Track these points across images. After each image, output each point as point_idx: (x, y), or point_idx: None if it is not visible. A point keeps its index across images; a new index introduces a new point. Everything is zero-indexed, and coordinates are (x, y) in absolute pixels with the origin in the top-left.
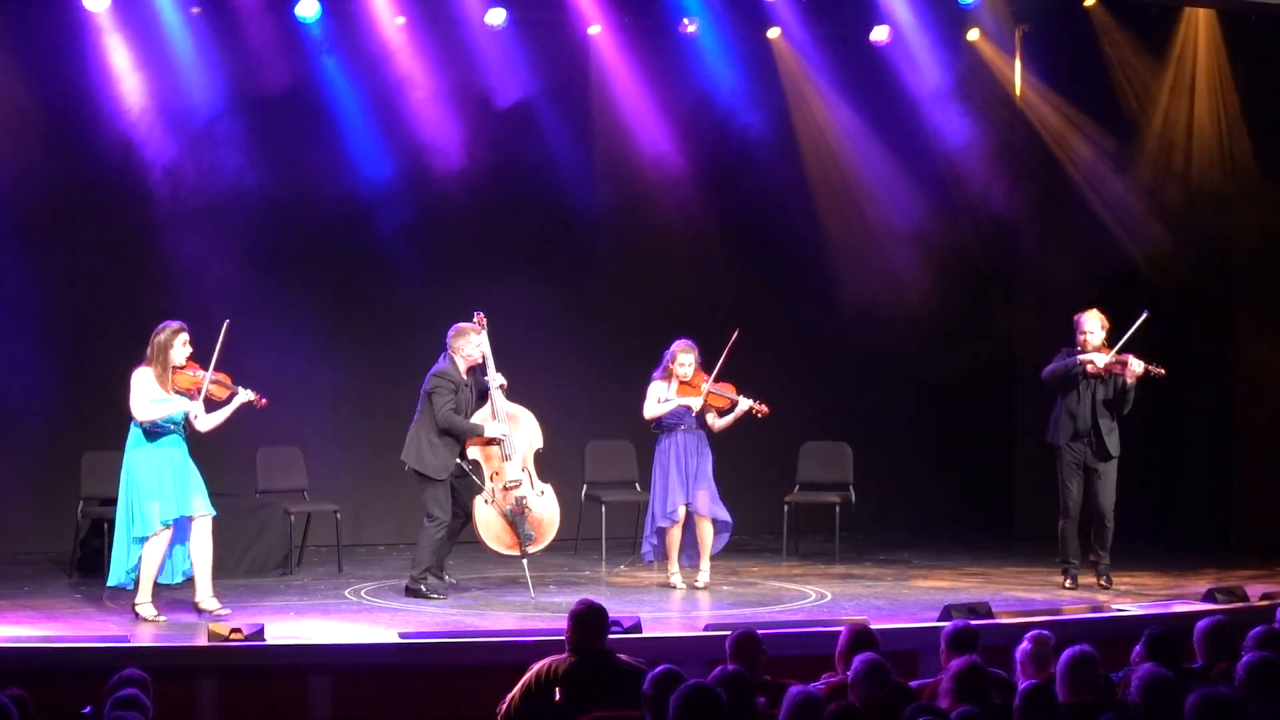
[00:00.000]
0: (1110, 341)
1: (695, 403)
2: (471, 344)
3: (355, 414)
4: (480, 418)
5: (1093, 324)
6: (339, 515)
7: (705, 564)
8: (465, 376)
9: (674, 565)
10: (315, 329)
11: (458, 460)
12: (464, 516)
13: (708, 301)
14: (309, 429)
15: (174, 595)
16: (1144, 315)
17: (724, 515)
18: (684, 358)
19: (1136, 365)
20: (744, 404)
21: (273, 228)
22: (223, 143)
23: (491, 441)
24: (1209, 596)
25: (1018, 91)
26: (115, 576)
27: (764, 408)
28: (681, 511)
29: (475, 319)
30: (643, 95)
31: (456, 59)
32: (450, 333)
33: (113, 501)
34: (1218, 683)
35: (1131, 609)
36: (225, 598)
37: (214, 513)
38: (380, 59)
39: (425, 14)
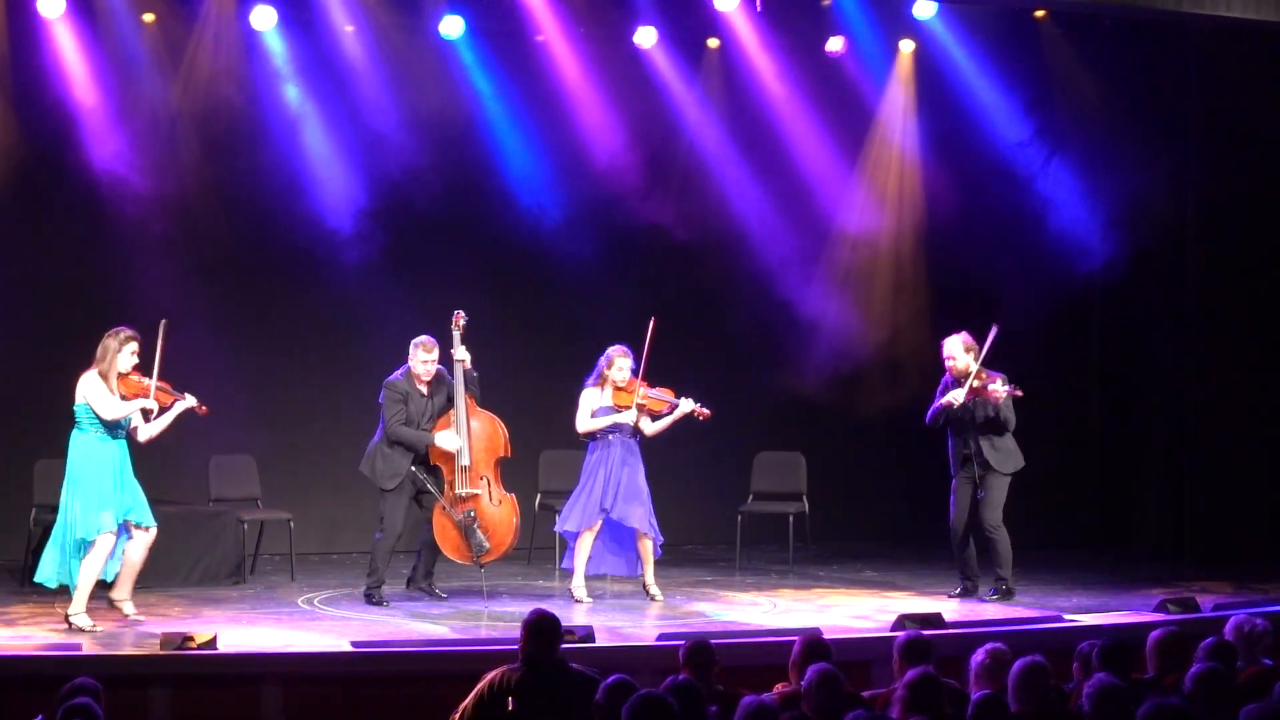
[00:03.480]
0: (979, 361)
1: (629, 416)
2: (417, 359)
3: (308, 422)
4: (443, 425)
5: (953, 348)
6: (292, 524)
7: (651, 577)
8: (423, 388)
9: (579, 578)
10: (268, 338)
11: (412, 468)
12: (428, 527)
13: (660, 310)
14: (262, 437)
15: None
16: (994, 330)
17: (658, 534)
18: (621, 362)
19: (998, 390)
20: (685, 406)
21: (224, 236)
22: (175, 152)
23: (450, 450)
24: (1161, 607)
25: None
26: (46, 574)
27: (705, 410)
28: (598, 523)
29: (453, 318)
30: (595, 103)
31: (410, 67)
32: (412, 343)
33: None
34: (1169, 693)
35: (1085, 619)
36: (178, 606)
37: (155, 525)
38: (334, 67)
39: (379, 22)
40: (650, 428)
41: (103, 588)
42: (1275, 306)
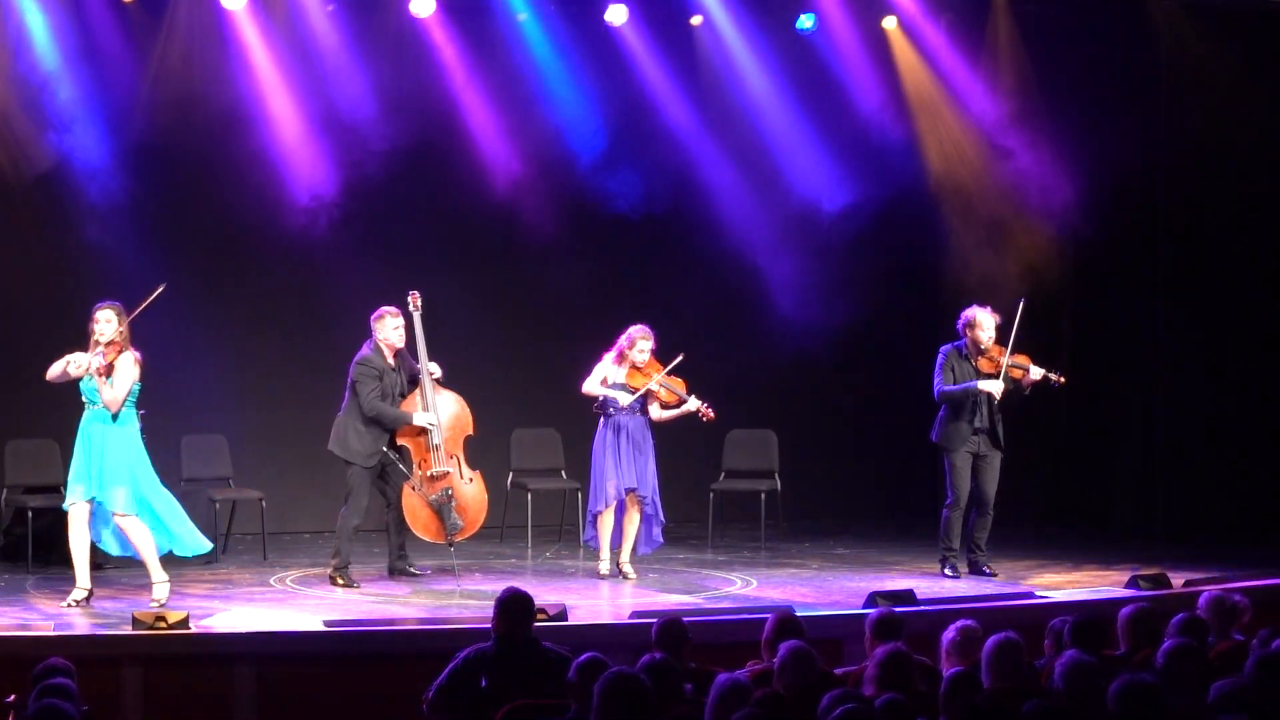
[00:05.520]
0: (1001, 339)
1: (629, 394)
2: (388, 328)
3: (280, 401)
4: (410, 404)
5: (989, 322)
6: (264, 503)
7: (627, 554)
8: (392, 362)
9: (606, 552)
10: (239, 318)
11: (384, 448)
12: (397, 505)
13: (633, 288)
14: (234, 416)
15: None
16: (1022, 303)
17: (660, 515)
18: (642, 344)
19: (1035, 373)
20: (691, 404)
21: (193, 217)
22: (146, 132)
23: (421, 430)
24: (1132, 583)
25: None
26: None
27: (710, 412)
28: (615, 495)
29: (409, 298)
30: (569, 83)
31: (382, 46)
32: (372, 317)
33: (36, 489)
34: (1140, 669)
35: (1056, 596)
36: (149, 584)
37: (133, 513)
38: (306, 46)
39: (352, 1)
40: (660, 415)
41: None
42: (1248, 285)
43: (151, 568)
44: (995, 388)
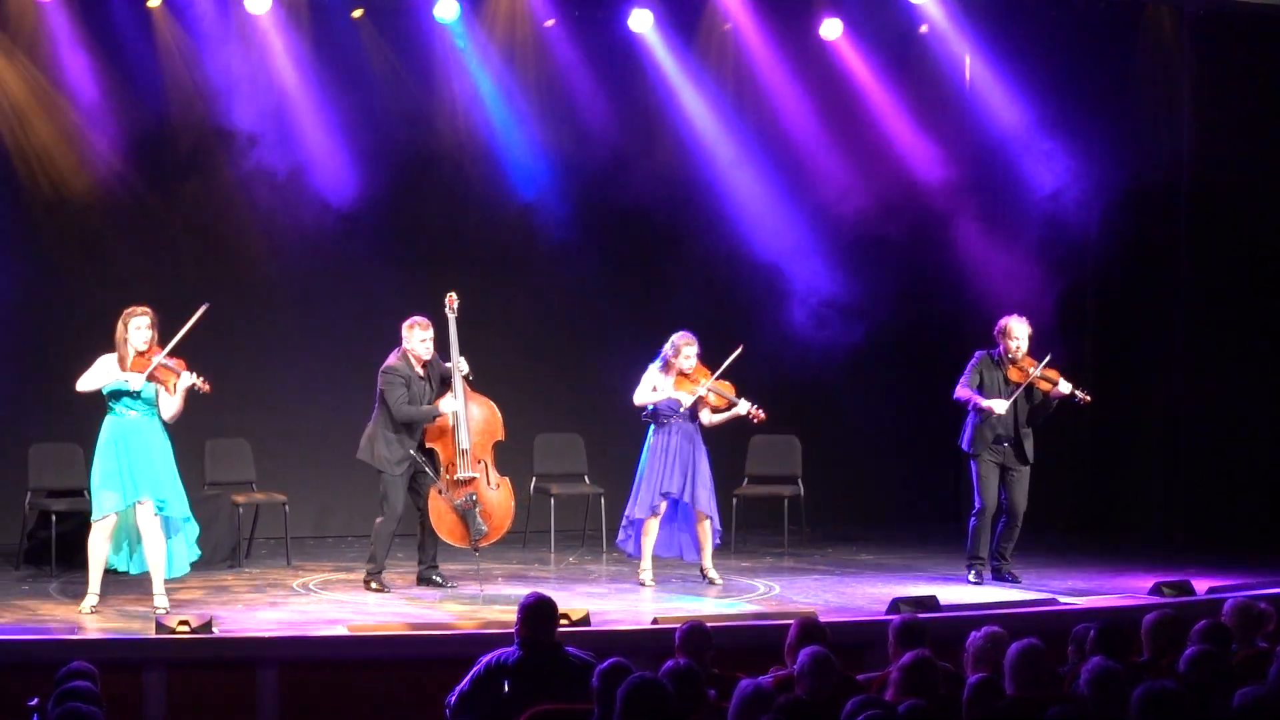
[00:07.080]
0: (1035, 354)
1: (687, 398)
2: (415, 339)
3: (303, 405)
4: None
5: (1022, 332)
6: (287, 507)
7: (709, 560)
8: (420, 371)
9: (646, 562)
10: (263, 321)
11: (411, 452)
12: (427, 513)
13: (656, 293)
14: (257, 420)
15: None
16: (1048, 357)
17: (716, 520)
18: (687, 350)
19: (1064, 387)
20: (742, 407)
21: (219, 221)
22: (168, 137)
23: (447, 433)
24: (1155, 590)
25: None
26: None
27: (761, 413)
28: (662, 506)
29: (446, 300)
30: (592, 87)
31: (410, 52)
32: (404, 325)
33: (60, 493)
34: (1164, 676)
35: (1080, 602)
36: (173, 590)
37: (163, 512)
38: (335, 51)
39: (379, 6)
40: (712, 419)
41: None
42: (1270, 295)
43: (159, 580)
44: (1000, 406)
